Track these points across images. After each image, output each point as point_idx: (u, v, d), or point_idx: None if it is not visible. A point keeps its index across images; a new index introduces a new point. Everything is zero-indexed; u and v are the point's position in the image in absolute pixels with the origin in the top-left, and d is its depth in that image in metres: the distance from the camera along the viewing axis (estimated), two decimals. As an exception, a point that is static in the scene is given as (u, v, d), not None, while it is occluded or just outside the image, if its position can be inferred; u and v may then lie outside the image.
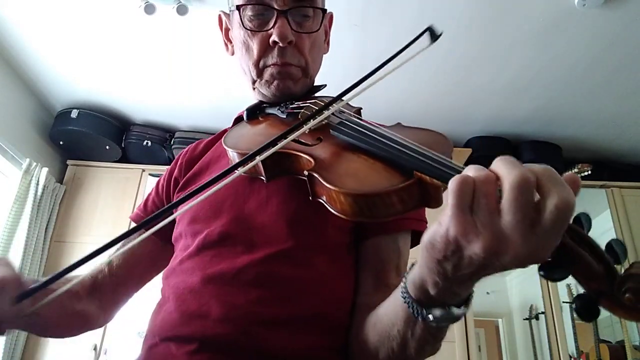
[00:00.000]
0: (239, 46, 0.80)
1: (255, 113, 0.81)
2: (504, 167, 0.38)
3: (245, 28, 0.77)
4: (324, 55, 0.88)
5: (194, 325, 0.64)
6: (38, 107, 3.00)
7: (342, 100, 0.62)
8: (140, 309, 1.06)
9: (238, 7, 0.77)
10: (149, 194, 0.91)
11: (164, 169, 3.19)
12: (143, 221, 0.53)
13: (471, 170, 0.40)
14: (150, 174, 3.14)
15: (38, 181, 2.75)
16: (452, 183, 0.39)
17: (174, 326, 0.66)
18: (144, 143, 3.04)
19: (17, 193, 2.65)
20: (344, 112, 0.67)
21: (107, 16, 2.32)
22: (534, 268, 0.40)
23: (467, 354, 2.60)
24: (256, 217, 0.70)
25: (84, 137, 2.97)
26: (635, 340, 2.67)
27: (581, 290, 0.41)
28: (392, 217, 0.50)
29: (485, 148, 3.02)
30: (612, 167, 3.14)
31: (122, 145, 3.07)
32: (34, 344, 2.66)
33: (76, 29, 2.41)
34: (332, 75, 1.08)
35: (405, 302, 0.50)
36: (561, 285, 2.85)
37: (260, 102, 0.83)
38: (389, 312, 0.56)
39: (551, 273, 0.40)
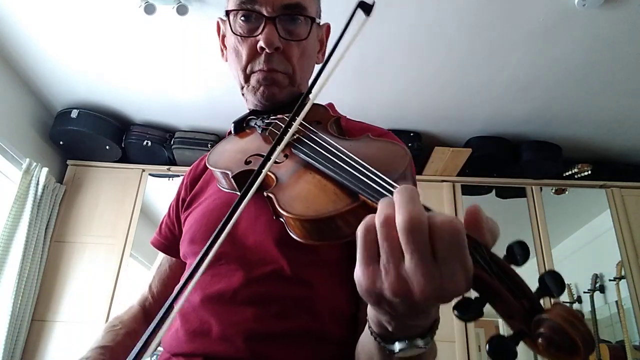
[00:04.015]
0: (231, 52, 0.82)
1: (241, 125, 0.83)
2: (397, 206, 0.38)
3: (235, 33, 0.79)
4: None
5: (197, 343, 0.68)
6: (38, 107, 3.00)
7: (305, 105, 0.62)
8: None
9: (228, 13, 0.80)
10: (164, 218, 0.95)
11: (164, 169, 3.25)
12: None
13: (381, 208, 0.39)
14: (150, 174, 3.14)
15: (38, 181, 2.75)
16: (358, 232, 0.40)
17: (180, 343, 0.70)
18: (144, 143, 3.04)
19: (17, 193, 2.65)
20: (307, 127, 0.67)
21: (107, 16, 2.32)
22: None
23: (467, 354, 2.60)
24: (248, 237, 0.72)
25: (84, 137, 2.96)
26: (635, 340, 2.67)
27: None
28: (343, 240, 0.50)
29: (485, 148, 3.03)
30: (612, 167, 3.13)
31: (122, 145, 3.07)
32: (34, 344, 2.66)
33: (76, 29, 2.41)
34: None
35: (372, 336, 0.50)
36: (561, 285, 2.85)
37: (248, 114, 0.84)
38: (365, 342, 0.56)
39: (463, 310, 0.37)
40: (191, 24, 2.32)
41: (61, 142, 3.04)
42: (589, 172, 3.05)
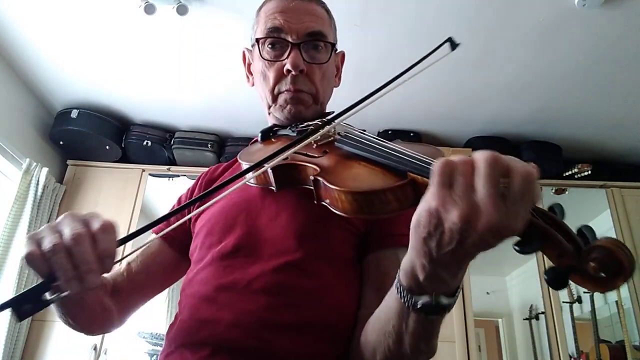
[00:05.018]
0: (258, 76, 0.90)
1: (268, 135, 0.88)
2: (478, 153, 0.44)
3: (263, 58, 0.87)
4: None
5: (206, 331, 0.69)
6: (38, 107, 3.00)
7: (352, 110, 0.67)
8: (140, 310, 1.08)
9: (257, 40, 0.88)
10: (172, 208, 0.94)
11: (164, 169, 3.24)
12: (160, 217, 0.59)
13: (453, 157, 0.45)
14: (150, 174, 3.14)
15: (38, 181, 2.75)
16: (436, 165, 0.44)
17: (188, 333, 0.71)
18: (144, 143, 3.04)
19: (17, 193, 2.65)
20: (348, 127, 0.74)
21: (107, 16, 2.32)
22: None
23: (467, 354, 2.60)
24: (267, 231, 0.76)
25: (84, 137, 2.96)
26: (635, 340, 2.67)
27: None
28: (390, 214, 0.55)
29: (485, 148, 2.93)
30: (612, 167, 3.13)
31: (122, 145, 3.07)
32: (34, 344, 2.67)
33: (76, 29, 2.41)
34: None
35: (397, 292, 0.52)
36: (561, 285, 2.85)
37: (274, 125, 0.90)
38: (384, 308, 0.59)
39: (523, 246, 0.44)
40: (191, 24, 2.32)
41: (61, 142, 3.04)
42: (589, 172, 3.04)
